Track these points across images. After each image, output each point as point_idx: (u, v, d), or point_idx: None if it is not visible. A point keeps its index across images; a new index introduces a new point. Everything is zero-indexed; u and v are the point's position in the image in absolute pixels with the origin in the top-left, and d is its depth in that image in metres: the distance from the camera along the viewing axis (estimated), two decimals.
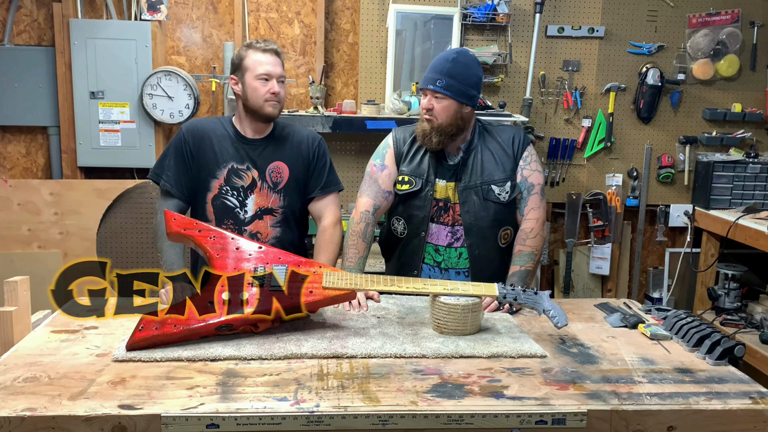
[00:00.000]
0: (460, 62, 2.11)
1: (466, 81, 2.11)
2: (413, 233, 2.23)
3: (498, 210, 2.18)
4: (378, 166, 2.26)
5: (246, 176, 2.21)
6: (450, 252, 2.21)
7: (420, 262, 2.23)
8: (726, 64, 3.80)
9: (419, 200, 2.20)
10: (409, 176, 2.22)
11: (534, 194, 2.20)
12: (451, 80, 2.08)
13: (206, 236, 1.83)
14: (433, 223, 2.21)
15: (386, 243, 2.38)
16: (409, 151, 2.24)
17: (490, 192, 2.17)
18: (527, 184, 2.20)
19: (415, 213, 2.21)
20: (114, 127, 3.50)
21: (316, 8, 3.65)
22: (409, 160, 2.24)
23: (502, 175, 2.19)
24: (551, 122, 3.84)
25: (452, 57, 2.11)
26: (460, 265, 2.22)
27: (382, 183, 2.25)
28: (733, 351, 1.67)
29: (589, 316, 2.03)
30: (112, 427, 1.32)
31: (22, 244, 3.47)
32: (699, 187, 3.85)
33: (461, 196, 2.18)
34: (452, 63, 2.10)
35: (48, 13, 3.51)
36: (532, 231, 2.17)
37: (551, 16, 3.72)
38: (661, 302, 4.01)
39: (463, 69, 2.11)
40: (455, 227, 2.20)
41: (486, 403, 1.41)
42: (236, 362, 1.58)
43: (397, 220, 2.27)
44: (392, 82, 3.59)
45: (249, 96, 2.16)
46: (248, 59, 2.16)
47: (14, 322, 1.72)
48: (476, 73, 2.15)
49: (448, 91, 2.09)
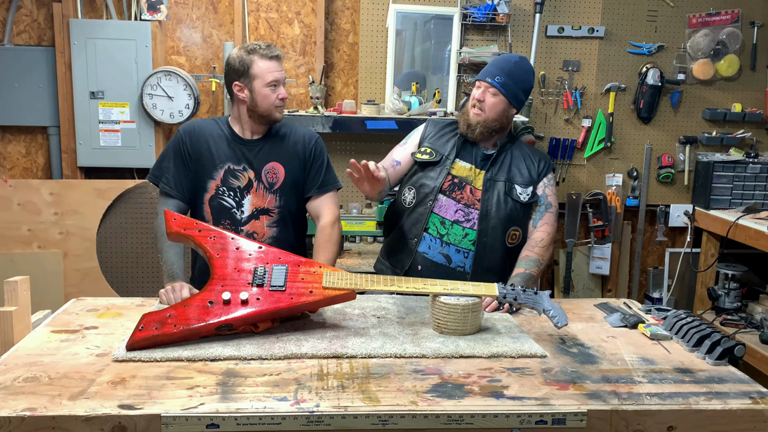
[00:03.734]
0: (521, 66, 2.27)
1: (521, 85, 2.25)
2: (420, 201, 2.29)
3: (514, 209, 2.25)
4: (400, 144, 2.44)
5: (242, 177, 2.22)
6: (456, 228, 2.24)
7: (422, 230, 2.27)
8: (726, 64, 3.80)
9: (434, 172, 2.29)
10: (431, 149, 2.33)
11: (550, 212, 2.30)
12: (509, 79, 2.22)
13: (206, 236, 1.83)
14: (444, 195, 2.26)
15: (391, 215, 2.43)
16: (437, 134, 2.38)
17: (513, 190, 2.26)
18: (546, 201, 2.30)
19: (428, 183, 2.29)
20: (114, 127, 3.50)
21: (316, 8, 3.66)
22: (435, 139, 2.36)
23: (527, 180, 2.29)
24: (551, 122, 3.84)
25: (515, 60, 2.27)
26: (463, 245, 2.24)
27: (395, 154, 2.41)
28: (733, 351, 1.67)
29: (589, 316, 2.03)
30: (112, 427, 1.32)
31: (22, 244, 3.48)
32: (699, 187, 3.85)
33: (486, 184, 2.26)
34: (514, 65, 2.25)
35: (48, 13, 3.51)
36: (542, 241, 2.24)
37: (551, 16, 3.72)
38: (661, 302, 4.01)
39: (522, 73, 2.26)
40: (469, 208, 2.24)
41: (486, 403, 1.41)
42: (236, 362, 1.58)
43: (408, 189, 2.34)
44: (392, 82, 3.59)
45: (259, 103, 2.18)
46: (255, 67, 2.16)
47: (14, 322, 1.72)
48: (531, 80, 2.32)
49: (503, 88, 2.22)
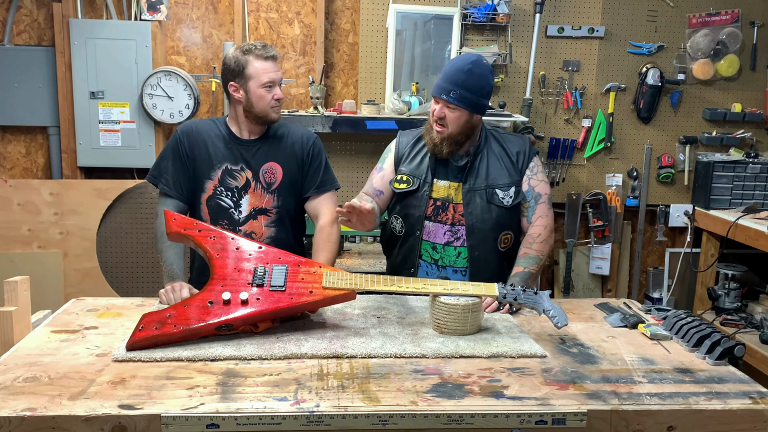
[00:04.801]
0: (475, 73, 2.11)
1: (479, 92, 2.12)
2: (410, 231, 2.26)
3: (500, 214, 2.20)
4: (377, 168, 2.36)
5: (240, 177, 2.23)
6: (448, 250, 2.22)
7: (416, 259, 2.25)
8: (726, 64, 3.80)
9: (416, 200, 2.23)
10: (408, 176, 2.26)
11: (542, 203, 2.23)
12: (465, 92, 2.09)
13: (206, 236, 1.83)
14: (430, 221, 2.23)
15: (387, 241, 2.41)
16: (410, 153, 2.29)
17: (494, 196, 2.20)
18: (534, 193, 2.23)
19: (412, 212, 2.24)
20: (114, 127, 3.50)
21: (316, 8, 3.65)
22: (409, 161, 2.28)
23: (507, 180, 2.22)
24: (551, 122, 3.84)
25: (467, 68, 2.10)
26: (458, 264, 2.23)
27: (375, 182, 2.34)
28: (733, 351, 1.67)
29: (589, 316, 2.03)
30: (112, 427, 1.32)
31: (22, 244, 3.47)
32: (699, 187, 3.85)
33: (465, 197, 2.20)
34: (467, 74, 2.09)
35: (48, 13, 3.51)
36: (539, 236, 2.19)
37: (551, 16, 3.72)
38: (661, 302, 4.01)
39: (478, 80, 2.11)
40: (456, 227, 2.21)
41: (486, 403, 1.41)
42: (236, 362, 1.58)
43: (395, 218, 2.30)
44: (392, 82, 3.59)
45: (254, 103, 2.18)
46: (251, 67, 2.16)
47: (14, 322, 1.72)
48: (489, 83, 2.16)
49: (461, 102, 2.10)
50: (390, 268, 2.41)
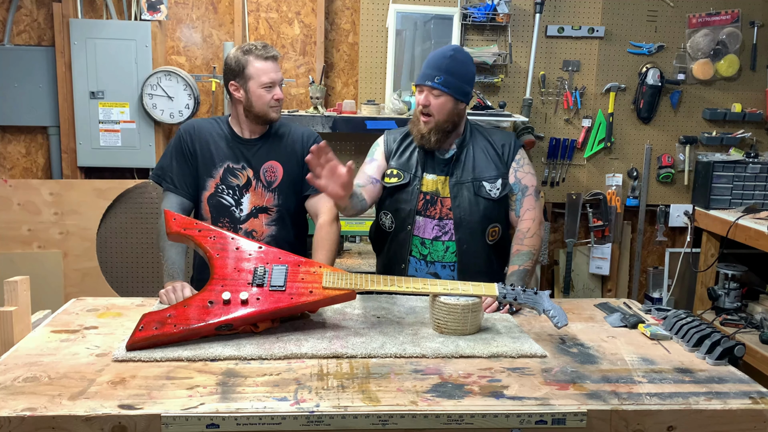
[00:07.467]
0: (458, 59, 2.14)
1: (463, 78, 2.15)
2: (400, 227, 2.26)
3: (488, 206, 2.20)
4: (368, 161, 2.32)
5: (241, 175, 2.25)
6: (436, 245, 2.22)
7: (407, 255, 2.25)
8: (726, 64, 3.80)
9: (406, 194, 2.24)
10: (398, 170, 2.26)
11: (528, 195, 2.22)
12: (449, 77, 2.11)
13: (206, 236, 1.83)
14: (420, 216, 2.23)
15: (375, 237, 2.41)
16: (399, 148, 2.29)
17: (482, 188, 2.20)
18: (521, 185, 2.22)
19: (402, 207, 2.24)
20: (114, 127, 3.50)
21: (316, 8, 3.66)
22: (398, 155, 2.28)
23: (494, 173, 2.22)
24: (551, 122, 3.84)
25: (449, 54, 2.14)
26: (447, 259, 2.23)
27: (369, 170, 2.28)
28: (733, 351, 1.67)
29: (589, 316, 2.03)
30: (112, 427, 1.32)
31: (22, 244, 3.48)
32: (699, 187, 3.85)
33: (453, 190, 2.20)
34: (450, 60, 2.12)
35: (48, 13, 3.51)
36: (529, 231, 2.18)
37: (551, 16, 3.72)
38: (661, 302, 4.01)
39: (460, 66, 2.14)
40: (443, 221, 2.21)
41: (486, 403, 1.41)
42: (236, 362, 1.58)
43: (384, 214, 2.30)
44: (392, 82, 3.59)
45: (254, 103, 2.19)
46: (251, 67, 2.17)
47: (14, 322, 1.72)
48: (471, 69, 2.19)
49: (446, 87, 2.11)
50: (380, 266, 2.41)
